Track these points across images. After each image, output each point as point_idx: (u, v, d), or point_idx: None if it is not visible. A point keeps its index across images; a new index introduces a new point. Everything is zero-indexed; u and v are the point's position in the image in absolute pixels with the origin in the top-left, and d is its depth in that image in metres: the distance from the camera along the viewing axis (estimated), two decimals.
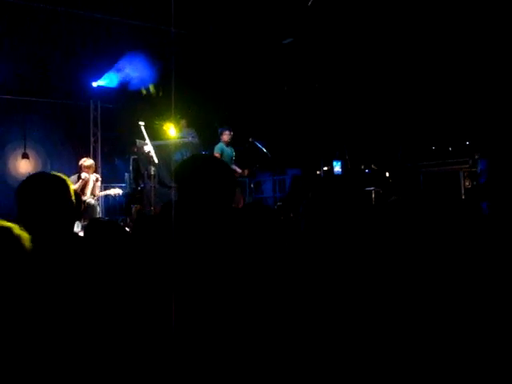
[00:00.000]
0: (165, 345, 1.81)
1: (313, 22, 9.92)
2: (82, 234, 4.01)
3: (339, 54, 10.77)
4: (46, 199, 2.27)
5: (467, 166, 9.15)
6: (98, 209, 8.65)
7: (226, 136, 9.45)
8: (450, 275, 2.48)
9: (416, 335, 2.11)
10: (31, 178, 2.40)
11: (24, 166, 10.63)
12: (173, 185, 9.94)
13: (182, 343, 1.80)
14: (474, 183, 8.87)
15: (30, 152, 10.65)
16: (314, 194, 2.60)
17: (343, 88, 11.08)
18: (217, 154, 9.24)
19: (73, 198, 2.43)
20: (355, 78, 10.91)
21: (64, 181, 2.42)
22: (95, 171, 9.10)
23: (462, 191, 9.15)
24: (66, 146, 10.86)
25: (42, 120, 10.77)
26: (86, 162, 8.66)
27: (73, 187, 7.17)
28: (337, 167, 10.74)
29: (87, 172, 8.53)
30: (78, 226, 6.99)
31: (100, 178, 8.96)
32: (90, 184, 8.53)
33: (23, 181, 2.35)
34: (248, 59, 11.32)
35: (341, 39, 10.42)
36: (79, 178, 8.48)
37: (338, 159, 10.71)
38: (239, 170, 9.54)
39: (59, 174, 2.46)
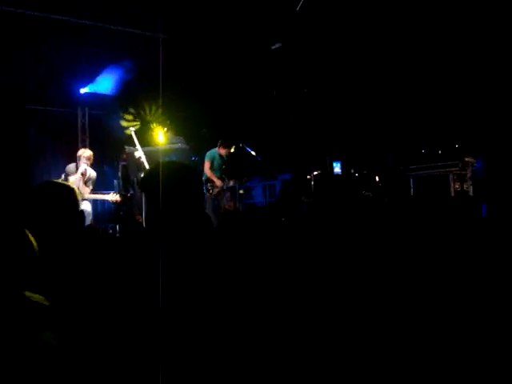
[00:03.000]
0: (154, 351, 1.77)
1: (301, 27, 9.93)
2: None
3: (328, 58, 10.78)
4: (53, 208, 2.31)
5: (457, 168, 9.18)
6: (91, 216, 7.80)
7: (224, 151, 9.24)
8: (447, 275, 2.47)
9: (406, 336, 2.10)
10: (39, 187, 2.45)
11: None
12: None
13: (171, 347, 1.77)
14: (470, 183, 8.90)
15: None
16: (316, 193, 2.58)
17: (332, 92, 11.09)
18: (207, 161, 9.21)
19: (79, 206, 2.43)
20: (343, 82, 10.93)
21: (72, 190, 2.43)
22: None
23: (452, 194, 9.18)
24: (54, 153, 10.73)
25: (28, 126, 10.68)
26: (86, 152, 7.87)
27: (72, 178, 6.85)
28: (336, 168, 10.70)
29: (87, 164, 7.79)
30: None
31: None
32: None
33: (32, 189, 2.41)
34: (237, 64, 11.32)
35: (329, 43, 10.44)
36: (77, 168, 7.71)
37: (337, 160, 10.67)
38: (219, 184, 9.27)
39: (66, 183, 2.50)
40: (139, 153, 8.42)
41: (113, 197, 7.84)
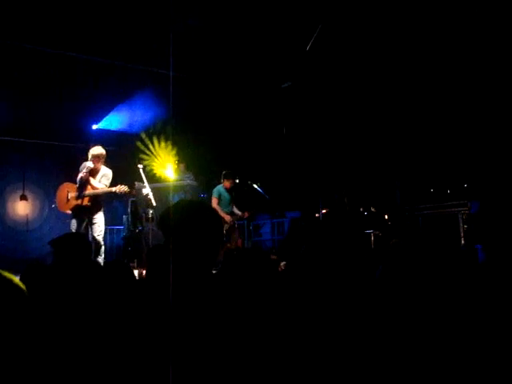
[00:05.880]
0: None
1: (311, 66, 10.05)
2: None
3: (337, 98, 10.87)
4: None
5: (466, 208, 9.12)
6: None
7: (228, 183, 9.38)
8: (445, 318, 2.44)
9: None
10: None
11: (22, 208, 10.63)
12: None
13: None
14: (465, 226, 8.85)
15: (28, 194, 10.64)
16: (314, 236, 2.58)
17: (342, 130, 11.14)
18: (214, 198, 9.27)
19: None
20: (353, 121, 10.98)
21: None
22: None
23: (461, 234, 9.10)
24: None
25: (41, 162, 10.80)
26: (95, 150, 7.75)
27: (80, 175, 7.05)
28: None
29: (94, 162, 7.67)
30: None
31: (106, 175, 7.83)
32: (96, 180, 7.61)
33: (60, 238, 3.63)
34: (247, 103, 11.44)
35: (339, 83, 10.54)
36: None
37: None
38: (239, 213, 9.52)
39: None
40: (146, 190, 8.48)
41: (120, 188, 7.64)
